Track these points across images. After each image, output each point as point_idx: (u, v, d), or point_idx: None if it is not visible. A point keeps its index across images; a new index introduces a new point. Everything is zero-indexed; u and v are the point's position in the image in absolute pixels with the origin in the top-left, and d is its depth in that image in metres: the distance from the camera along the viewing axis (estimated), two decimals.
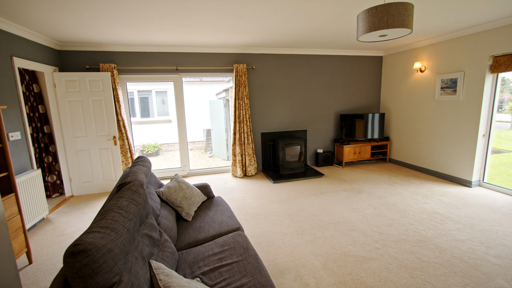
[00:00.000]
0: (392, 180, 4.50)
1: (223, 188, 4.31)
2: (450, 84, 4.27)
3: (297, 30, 3.70)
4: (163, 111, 9.07)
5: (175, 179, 2.62)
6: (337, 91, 5.55)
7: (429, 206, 3.41)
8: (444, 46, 4.34)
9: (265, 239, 2.72)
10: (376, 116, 5.47)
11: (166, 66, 4.52)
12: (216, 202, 2.64)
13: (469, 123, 4.06)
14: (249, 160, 4.86)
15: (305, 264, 2.30)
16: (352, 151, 5.37)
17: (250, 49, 4.78)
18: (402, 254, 2.41)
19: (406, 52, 5.10)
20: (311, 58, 5.23)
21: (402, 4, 1.91)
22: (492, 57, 3.71)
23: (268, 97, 5.09)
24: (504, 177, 5.17)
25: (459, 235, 2.71)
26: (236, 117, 4.73)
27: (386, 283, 2.05)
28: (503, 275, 2.10)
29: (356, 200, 3.66)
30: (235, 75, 4.63)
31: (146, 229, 1.73)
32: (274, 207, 3.51)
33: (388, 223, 2.99)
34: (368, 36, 2.15)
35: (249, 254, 1.80)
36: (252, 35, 3.90)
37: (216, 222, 2.26)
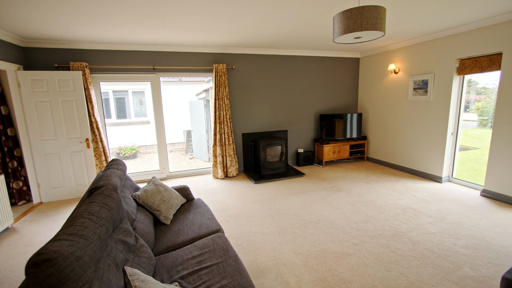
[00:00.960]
0: (369, 178, 4.66)
1: (203, 190, 4.24)
2: (422, 85, 4.50)
3: (276, 31, 3.73)
4: (141, 112, 8.78)
5: (153, 182, 2.54)
6: (317, 92, 5.66)
7: (404, 202, 3.57)
8: (416, 49, 4.57)
9: (246, 239, 2.71)
10: (354, 116, 5.65)
11: (143, 65, 4.38)
12: (196, 204, 2.59)
13: (439, 122, 4.30)
14: (230, 161, 4.82)
15: (286, 262, 2.31)
16: (331, 150, 5.50)
17: (230, 49, 4.76)
18: (378, 248, 2.49)
19: (381, 54, 5.31)
20: (291, 58, 5.30)
21: (375, 8, 1.98)
22: (459, 60, 3.95)
23: (248, 97, 5.09)
24: (471, 173, 5.52)
25: (430, 228, 2.85)
26: (217, 118, 4.68)
27: (363, 277, 2.11)
28: (469, 263, 2.24)
29: (335, 198, 3.75)
30: (214, 75, 4.58)
31: (120, 234, 1.66)
32: (256, 207, 3.51)
33: (366, 219, 3.09)
34: (344, 38, 2.21)
35: (229, 255, 1.78)
36: (232, 35, 3.88)
37: (196, 224, 2.22)
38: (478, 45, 3.64)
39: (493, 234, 2.69)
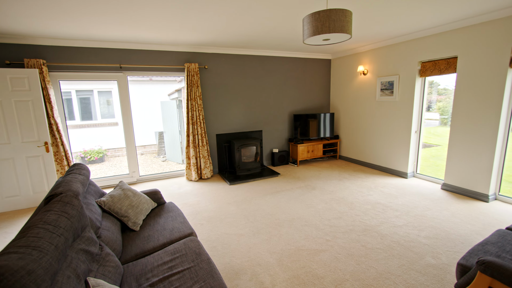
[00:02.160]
0: (341, 176, 4.82)
1: (177, 193, 4.11)
2: (388, 86, 4.76)
3: (248, 31, 3.73)
4: (108, 113, 8.31)
5: (120, 186, 2.40)
6: (290, 92, 5.76)
7: (373, 198, 3.74)
8: (382, 52, 4.83)
9: (221, 242, 2.66)
10: (327, 116, 5.82)
11: (108, 63, 4.14)
12: (168, 208, 2.50)
13: (404, 121, 4.57)
14: (204, 163, 4.73)
15: (260, 263, 2.30)
16: (305, 149, 5.62)
17: (202, 48, 4.67)
18: (350, 243, 2.58)
19: (351, 56, 5.54)
20: (265, 59, 5.33)
21: (341, 11, 2.04)
22: (420, 62, 4.24)
23: (222, 97, 5.03)
24: (433, 168, 5.95)
25: (397, 221, 3.02)
26: (189, 119, 4.56)
27: (335, 272, 2.17)
28: (431, 253, 2.40)
29: (309, 197, 3.82)
30: (186, 74, 4.46)
31: (82, 243, 1.54)
32: (231, 209, 3.47)
33: (338, 216, 3.19)
34: (313, 40, 2.25)
35: (202, 259, 1.73)
36: (203, 34, 3.81)
37: (167, 229, 2.13)
38: (437, 49, 3.93)
39: (451, 224, 2.91)
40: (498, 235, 1.86)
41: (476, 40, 3.45)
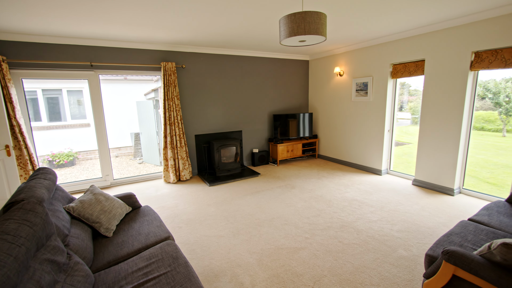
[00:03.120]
0: (320, 174, 4.94)
1: (154, 196, 3.98)
2: (363, 87, 4.94)
3: (226, 31, 3.70)
4: (79, 113, 7.86)
5: (91, 191, 2.27)
6: (270, 92, 5.79)
7: (350, 195, 3.86)
8: (357, 54, 5.01)
9: (200, 244, 2.62)
10: (306, 116, 5.93)
11: (78, 61, 3.91)
12: (143, 212, 2.41)
13: (377, 120, 4.77)
14: (183, 164, 4.62)
15: (240, 263, 2.29)
16: (285, 149, 5.69)
17: (179, 47, 4.56)
18: (328, 240, 2.64)
19: (328, 58, 5.69)
20: (244, 59, 5.32)
21: (316, 13, 2.08)
22: (392, 65, 4.45)
23: (200, 97, 4.95)
24: (405, 165, 6.28)
25: (372, 217, 3.14)
26: (167, 119, 4.44)
27: (314, 268, 2.21)
28: (403, 245, 2.52)
29: (289, 196, 3.87)
30: (163, 74, 4.34)
31: (47, 253, 1.44)
32: (210, 210, 3.42)
33: (316, 213, 3.26)
34: (289, 41, 2.28)
35: (179, 263, 1.68)
36: (180, 33, 3.72)
37: (142, 234, 2.05)
38: (407, 52, 4.15)
39: (421, 218, 3.08)
40: (461, 226, 1.99)
41: (441, 45, 3.68)
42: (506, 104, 8.87)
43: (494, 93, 9.26)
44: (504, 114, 9.03)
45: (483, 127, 9.86)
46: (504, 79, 9.11)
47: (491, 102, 9.62)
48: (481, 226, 2.00)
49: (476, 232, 1.90)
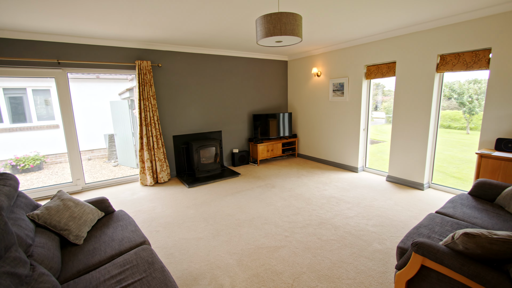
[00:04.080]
0: (300, 173, 5.02)
1: (129, 200, 3.83)
2: (339, 87, 5.09)
3: (203, 30, 3.64)
4: (47, 114, 7.37)
5: (58, 196, 2.14)
6: (249, 92, 5.79)
7: (328, 192, 3.96)
8: (333, 55, 5.14)
9: (178, 248, 2.55)
10: (285, 116, 6.00)
11: (44, 58, 3.67)
12: (117, 217, 2.30)
13: (353, 119, 4.94)
14: (161, 166, 4.49)
15: (220, 265, 2.27)
16: (265, 149, 5.71)
17: (155, 45, 4.43)
18: (307, 237, 2.69)
19: (306, 58, 5.79)
20: (223, 58, 5.28)
21: (292, 14, 2.10)
22: (366, 66, 4.62)
23: (178, 97, 4.84)
24: (380, 162, 6.55)
25: (349, 213, 3.24)
26: (142, 120, 4.28)
27: (293, 266, 2.23)
28: (377, 239, 2.63)
29: (269, 195, 3.89)
30: (138, 73, 4.18)
31: (6, 266, 1.33)
32: (189, 212, 3.35)
33: (296, 211, 3.31)
34: (266, 41, 2.29)
35: (155, 268, 1.63)
36: (154, 30, 3.61)
37: (116, 240, 1.96)
38: (379, 54, 4.33)
39: (394, 212, 3.23)
40: (429, 219, 2.11)
41: (410, 48, 3.88)
42: (469, 104, 9.56)
43: (459, 93, 9.93)
44: (467, 113, 9.73)
45: (450, 126, 10.55)
46: (467, 80, 9.81)
47: (456, 102, 10.30)
48: (447, 218, 2.13)
49: (442, 224, 2.03)
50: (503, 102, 3.09)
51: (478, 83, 8.92)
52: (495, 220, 2.11)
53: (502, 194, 2.39)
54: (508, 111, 3.06)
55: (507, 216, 2.16)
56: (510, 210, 2.26)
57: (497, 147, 3.08)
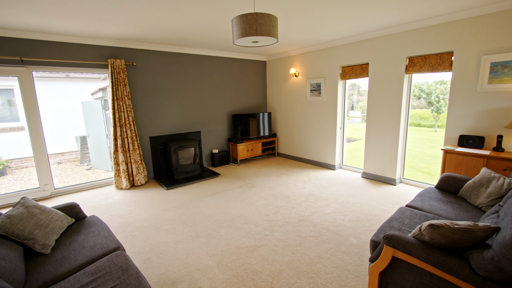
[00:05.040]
0: (279, 172, 5.07)
1: (103, 205, 3.66)
2: (316, 87, 5.21)
3: (179, 28, 3.57)
4: (11, 115, 6.85)
5: (22, 204, 2.00)
6: (228, 92, 5.76)
7: (307, 190, 4.04)
8: (310, 56, 5.25)
9: (156, 252, 2.48)
10: (265, 115, 6.04)
11: (5, 55, 3.40)
12: (89, 223, 2.19)
13: (330, 119, 5.08)
14: (137, 168, 4.34)
15: (199, 267, 2.23)
16: (245, 148, 5.71)
17: (129, 44, 4.27)
18: (286, 235, 2.73)
19: (284, 59, 5.86)
20: (201, 58, 5.20)
21: (267, 15, 2.12)
22: (341, 67, 4.77)
23: (155, 97, 4.70)
24: (357, 159, 6.79)
25: (326, 209, 3.33)
26: (117, 121, 4.11)
27: (273, 264, 2.26)
28: (353, 234, 2.73)
29: (249, 195, 3.90)
30: (111, 72, 4.01)
31: None
32: (167, 215, 3.27)
33: (276, 210, 3.34)
34: (242, 41, 2.29)
35: (129, 274, 1.57)
36: (128, 28, 3.48)
37: (87, 246, 1.87)
38: (353, 56, 4.48)
39: (369, 207, 3.36)
40: (400, 212, 2.23)
41: (382, 50, 4.07)
42: (437, 103, 10.21)
43: (427, 93, 10.57)
44: (435, 112, 10.38)
45: (420, 124, 11.20)
46: (434, 81, 10.47)
47: (425, 102, 10.93)
48: (416, 210, 2.26)
49: (412, 217, 2.14)
50: (465, 102, 3.33)
51: (444, 84, 9.56)
52: (458, 211, 2.26)
53: (464, 186, 2.57)
54: (469, 110, 3.30)
55: (469, 207, 2.33)
56: (471, 201, 2.44)
57: (460, 143, 3.32)
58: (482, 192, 2.38)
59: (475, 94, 3.23)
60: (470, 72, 3.23)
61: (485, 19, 3.05)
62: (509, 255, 1.14)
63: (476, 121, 3.27)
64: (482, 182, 2.42)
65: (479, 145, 3.17)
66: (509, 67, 2.93)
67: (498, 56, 2.98)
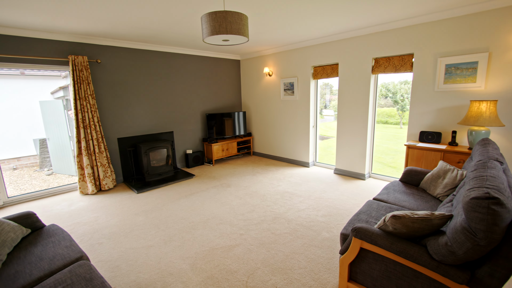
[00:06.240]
0: (255, 171, 5.09)
1: (66, 212, 3.41)
2: (290, 86, 5.29)
3: (147, 24, 3.42)
4: None
5: None
6: (202, 91, 5.65)
7: (282, 188, 4.09)
8: (283, 56, 5.32)
9: (125, 259, 2.36)
10: (240, 114, 6.02)
11: None
12: (48, 232, 2.03)
13: (303, 117, 5.19)
14: (104, 172, 4.09)
15: (172, 272, 2.17)
16: (220, 148, 5.65)
17: (92, 39, 4.01)
18: (261, 233, 2.74)
19: (258, 58, 5.88)
20: (173, 56, 5.04)
21: (237, 14, 2.10)
22: (313, 67, 4.89)
23: (123, 97, 4.47)
24: (330, 156, 7.03)
25: (301, 206, 3.40)
26: (80, 121, 3.84)
27: (248, 263, 2.25)
28: (326, 228, 2.81)
29: (224, 195, 3.86)
30: (72, 69, 3.74)
31: None
32: (138, 220, 3.13)
33: (251, 209, 3.34)
34: (212, 39, 2.25)
35: (94, 285, 1.48)
36: (90, 22, 3.26)
37: (45, 258, 1.72)
38: (324, 56, 4.62)
39: (340, 202, 3.49)
40: (367, 205, 2.34)
41: (350, 51, 4.24)
42: (401, 102, 10.91)
43: (393, 93, 11.24)
44: (400, 110, 11.09)
45: (387, 121, 11.89)
46: (400, 81, 11.17)
47: (391, 100, 11.61)
48: (382, 203, 2.39)
49: (378, 209, 2.26)
50: (424, 100, 3.58)
51: (408, 84, 10.24)
52: (419, 201, 2.43)
53: (424, 179, 2.77)
54: (428, 108, 3.56)
55: (429, 198, 2.52)
56: (430, 192, 2.63)
57: (421, 139, 3.57)
58: (439, 183, 2.58)
59: (433, 93, 3.49)
60: (429, 73, 3.49)
61: (440, 24, 3.31)
62: (460, 240, 1.25)
63: (434, 118, 3.53)
64: (439, 174, 2.63)
65: (437, 140, 3.43)
66: (461, 68, 3.21)
67: (452, 59, 3.25)
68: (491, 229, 1.15)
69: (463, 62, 3.17)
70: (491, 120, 2.80)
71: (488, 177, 1.40)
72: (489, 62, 3.03)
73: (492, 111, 2.82)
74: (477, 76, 3.10)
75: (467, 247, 1.22)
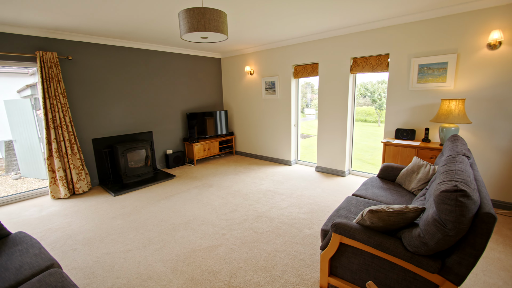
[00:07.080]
0: (237, 170, 5.06)
1: (36, 218, 3.20)
2: (271, 85, 5.31)
3: (122, 20, 3.28)
4: None
5: None
6: (182, 90, 5.53)
7: (264, 186, 4.10)
8: (264, 54, 5.33)
9: (101, 265, 2.26)
10: (222, 114, 5.95)
11: None
12: (14, 241, 1.89)
13: (285, 116, 5.23)
14: (78, 174, 3.89)
15: (152, 275, 2.10)
16: (202, 148, 5.57)
17: (63, 34, 3.79)
18: (244, 232, 2.73)
19: (239, 57, 5.84)
20: (151, 53, 4.88)
21: (216, 11, 2.07)
22: (294, 66, 4.94)
23: (97, 95, 4.26)
24: (312, 154, 7.14)
25: (283, 204, 3.42)
26: (50, 122, 3.62)
27: (230, 262, 2.23)
28: (308, 225, 2.86)
29: (206, 195, 3.81)
30: (40, 66, 3.51)
31: None
32: (115, 223, 3.00)
33: (233, 208, 3.32)
34: (191, 36, 2.20)
35: None
36: (58, 16, 3.07)
37: (11, 269, 1.60)
38: (304, 55, 4.68)
39: (322, 199, 3.56)
40: (347, 201, 2.40)
41: (330, 51, 4.32)
42: (379, 101, 11.33)
43: (371, 92, 11.65)
44: (378, 109, 11.51)
45: (366, 119, 12.30)
46: (377, 81, 11.59)
47: (370, 99, 12.01)
48: (361, 198, 2.46)
49: (357, 204, 2.32)
50: (399, 99, 3.74)
51: (385, 83, 10.63)
52: (395, 196, 2.53)
53: (400, 174, 2.89)
54: (403, 106, 3.72)
55: (404, 192, 2.63)
56: (405, 186, 2.75)
57: (396, 136, 3.72)
58: (414, 178, 2.70)
59: (407, 92, 3.65)
60: (403, 72, 3.64)
61: (414, 26, 3.46)
62: (431, 231, 1.31)
63: (409, 116, 3.69)
64: (414, 169, 2.75)
65: (411, 137, 3.59)
66: (432, 68, 3.37)
67: (424, 59, 3.41)
68: (459, 220, 1.22)
69: (434, 63, 3.34)
70: (459, 118, 2.97)
71: (456, 171, 1.48)
72: (457, 62, 3.21)
73: (461, 109, 2.99)
74: (447, 76, 3.28)
75: (438, 237, 1.28)
